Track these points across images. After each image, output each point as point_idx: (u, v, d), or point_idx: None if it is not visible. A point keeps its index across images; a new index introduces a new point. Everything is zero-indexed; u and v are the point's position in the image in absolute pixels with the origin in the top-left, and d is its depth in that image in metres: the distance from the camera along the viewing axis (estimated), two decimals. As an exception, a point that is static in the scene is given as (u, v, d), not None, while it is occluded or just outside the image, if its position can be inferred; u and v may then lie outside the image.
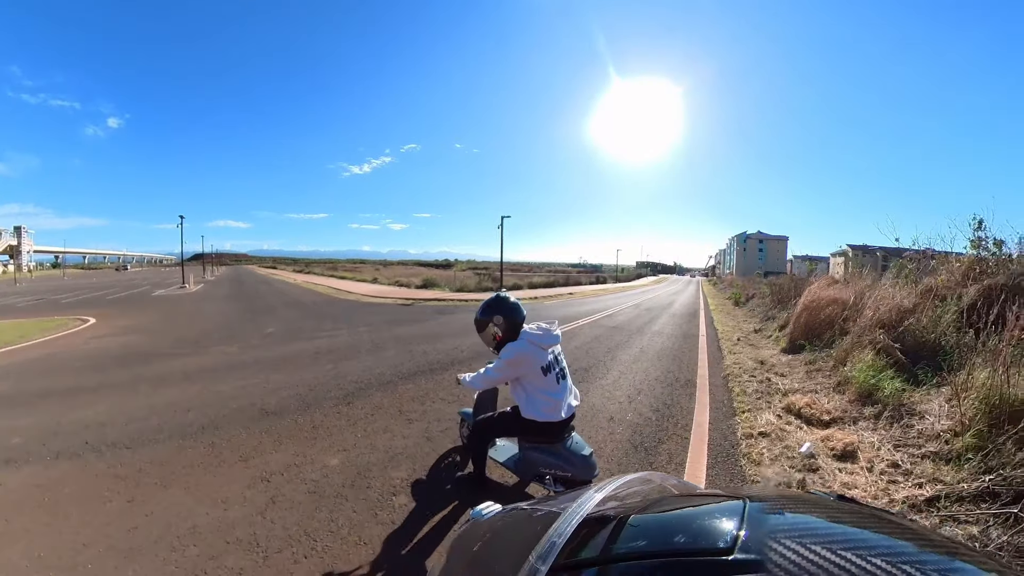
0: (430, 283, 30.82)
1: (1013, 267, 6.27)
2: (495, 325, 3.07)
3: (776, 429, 4.66)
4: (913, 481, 3.52)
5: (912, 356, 5.69)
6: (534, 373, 2.91)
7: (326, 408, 5.22)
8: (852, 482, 3.63)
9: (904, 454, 3.92)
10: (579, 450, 2.99)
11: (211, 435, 4.39)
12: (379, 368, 7.16)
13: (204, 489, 3.38)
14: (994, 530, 2.78)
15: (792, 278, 17.48)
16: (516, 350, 2.92)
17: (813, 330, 8.46)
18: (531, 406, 2.92)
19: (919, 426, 4.27)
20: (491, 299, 3.16)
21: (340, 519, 3.03)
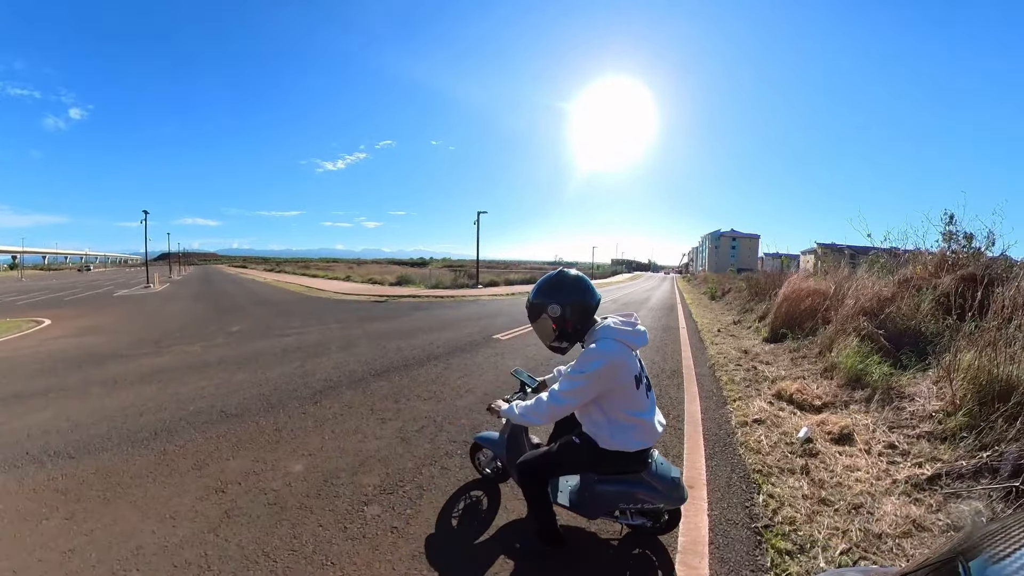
0: (405, 280, 30.34)
1: (982, 259, 6.54)
2: (549, 316, 2.24)
3: (770, 416, 4.58)
4: (912, 461, 3.53)
5: (895, 342, 5.77)
6: (623, 387, 2.12)
7: (291, 409, 4.88)
8: (853, 464, 3.55)
9: (899, 435, 3.93)
10: (666, 473, 2.34)
11: (164, 441, 4.02)
12: (350, 365, 6.85)
13: (152, 503, 3.03)
14: (997, 504, 2.85)
15: (767, 273, 17.75)
16: (607, 356, 2.07)
17: (795, 319, 8.61)
18: (618, 434, 2.16)
19: (910, 408, 4.27)
20: (550, 276, 2.33)
21: (304, 535, 2.69)
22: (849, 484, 3.27)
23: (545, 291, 2.26)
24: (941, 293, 6.18)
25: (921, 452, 3.61)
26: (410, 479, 3.37)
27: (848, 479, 3.35)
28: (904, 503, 3.01)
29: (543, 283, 2.30)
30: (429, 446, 3.95)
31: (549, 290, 2.26)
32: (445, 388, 5.67)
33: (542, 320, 2.27)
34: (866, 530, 2.76)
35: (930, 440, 3.75)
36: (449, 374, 6.37)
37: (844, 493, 3.16)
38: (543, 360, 7.35)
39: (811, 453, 3.73)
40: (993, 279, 5.84)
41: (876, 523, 2.83)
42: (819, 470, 3.47)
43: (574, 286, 2.25)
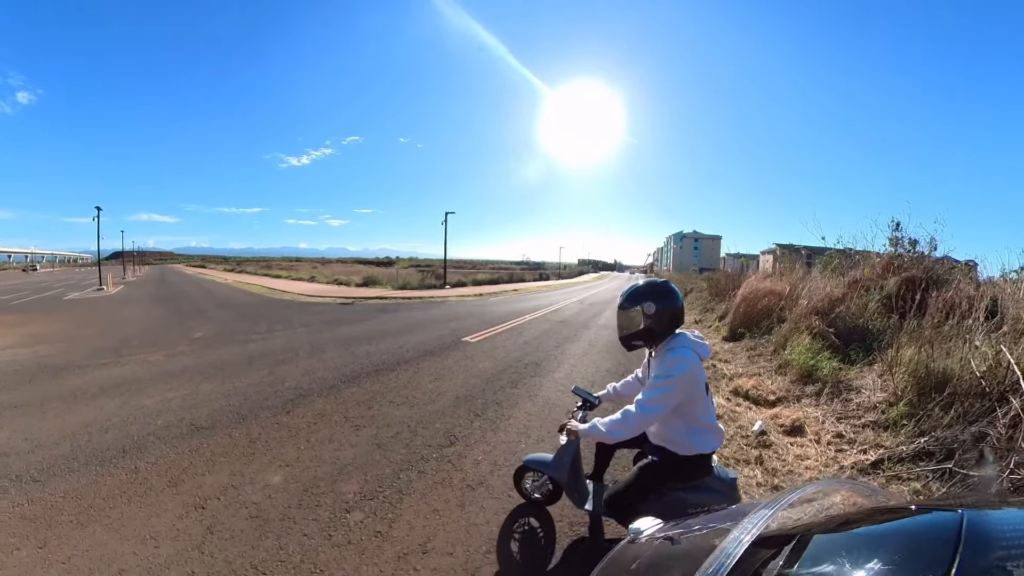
0: (371, 281, 29.87)
1: (925, 262, 7.04)
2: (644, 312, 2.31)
3: (727, 411, 4.87)
4: (858, 448, 3.84)
5: (844, 339, 6.19)
6: (699, 393, 2.26)
7: (263, 419, 4.82)
8: (804, 454, 3.83)
9: (847, 425, 4.25)
10: (725, 476, 2.49)
11: (134, 458, 3.89)
12: (320, 372, 6.81)
13: (129, 524, 2.96)
14: (934, 484, 3.17)
15: (727, 273, 18.31)
16: (688, 361, 2.18)
17: (752, 319, 9.03)
18: (696, 437, 2.29)
19: (857, 399, 4.60)
20: (656, 282, 2.42)
21: (290, 545, 2.72)
22: (799, 472, 3.55)
23: (649, 294, 2.33)
24: (887, 294, 6.65)
25: (866, 440, 3.94)
26: (389, 484, 3.45)
27: (799, 467, 3.62)
28: None
29: (649, 287, 2.38)
30: (405, 451, 4.03)
31: (653, 293, 2.33)
32: (417, 393, 5.74)
33: (633, 314, 2.35)
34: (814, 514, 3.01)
35: (874, 429, 4.09)
36: (420, 378, 6.43)
37: (795, 480, 3.43)
38: (511, 362, 7.50)
39: (765, 445, 4.01)
40: (933, 281, 6.33)
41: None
42: (772, 460, 3.75)
43: (674, 295, 2.35)
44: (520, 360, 7.67)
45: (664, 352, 2.29)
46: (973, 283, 6.12)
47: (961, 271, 6.90)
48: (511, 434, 4.49)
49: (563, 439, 2.61)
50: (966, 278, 6.45)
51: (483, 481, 3.54)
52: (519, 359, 7.77)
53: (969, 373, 3.77)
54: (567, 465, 2.71)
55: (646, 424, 2.24)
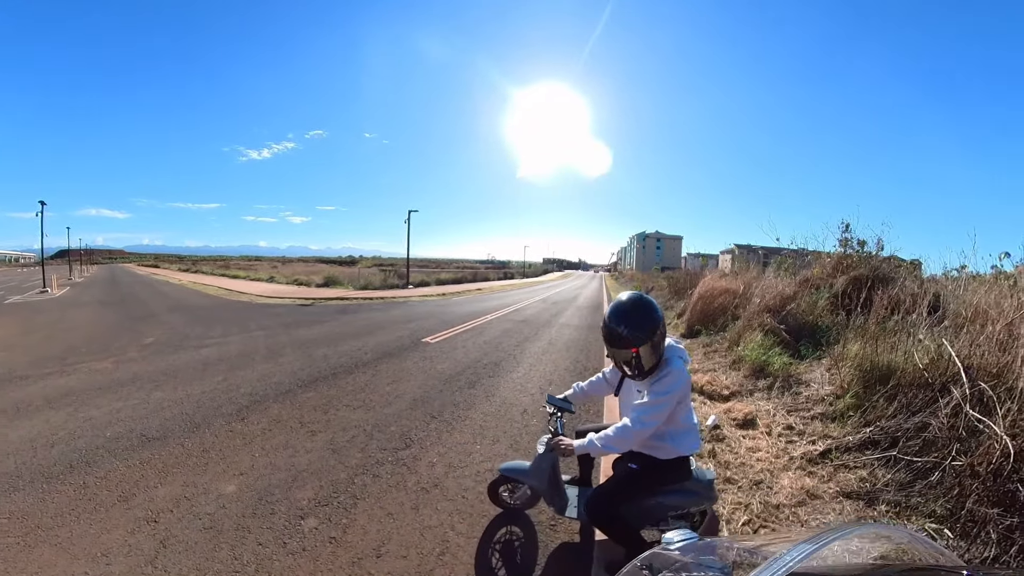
0: (332, 281, 29.25)
1: (872, 262, 7.37)
2: (659, 337, 2.17)
3: None
4: (807, 439, 3.99)
5: (795, 335, 6.44)
6: (686, 399, 2.27)
7: (217, 427, 4.67)
8: (755, 446, 3.95)
9: (796, 417, 4.41)
10: (703, 477, 2.49)
11: (82, 474, 3.70)
12: (276, 376, 6.62)
13: (79, 542, 2.82)
14: (879, 471, 3.32)
15: (687, 272, 18.76)
16: (684, 375, 2.18)
17: (708, 316, 9.30)
18: (678, 440, 2.30)
19: (806, 393, 4.78)
20: (641, 303, 2.21)
21: (245, 555, 2.66)
22: (751, 463, 3.66)
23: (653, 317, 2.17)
24: (835, 292, 6.95)
25: (815, 431, 4.09)
26: (344, 489, 3.40)
27: (751, 459, 3.73)
28: (799, 476, 3.42)
29: (646, 310, 2.18)
30: (360, 455, 3.98)
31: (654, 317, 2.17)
32: (374, 396, 5.66)
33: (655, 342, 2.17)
34: (766, 503, 3.12)
35: (822, 420, 4.26)
36: (378, 381, 6.34)
37: (747, 472, 3.53)
38: (470, 363, 7.48)
39: (718, 438, 4.13)
40: (880, 279, 6.61)
41: (775, 496, 3.20)
42: (725, 453, 3.86)
43: (658, 310, 2.22)
44: (479, 360, 7.66)
45: (662, 365, 2.23)
46: (918, 281, 6.41)
47: (906, 269, 7.25)
48: (467, 435, 4.48)
49: (540, 447, 2.58)
50: (911, 276, 6.76)
51: (438, 483, 3.52)
52: (478, 359, 7.76)
53: (912, 366, 3.94)
54: (546, 473, 2.64)
55: (643, 438, 2.22)
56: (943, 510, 2.84)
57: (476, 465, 3.83)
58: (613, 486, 2.44)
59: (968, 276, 5.89)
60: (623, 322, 2.16)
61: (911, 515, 2.93)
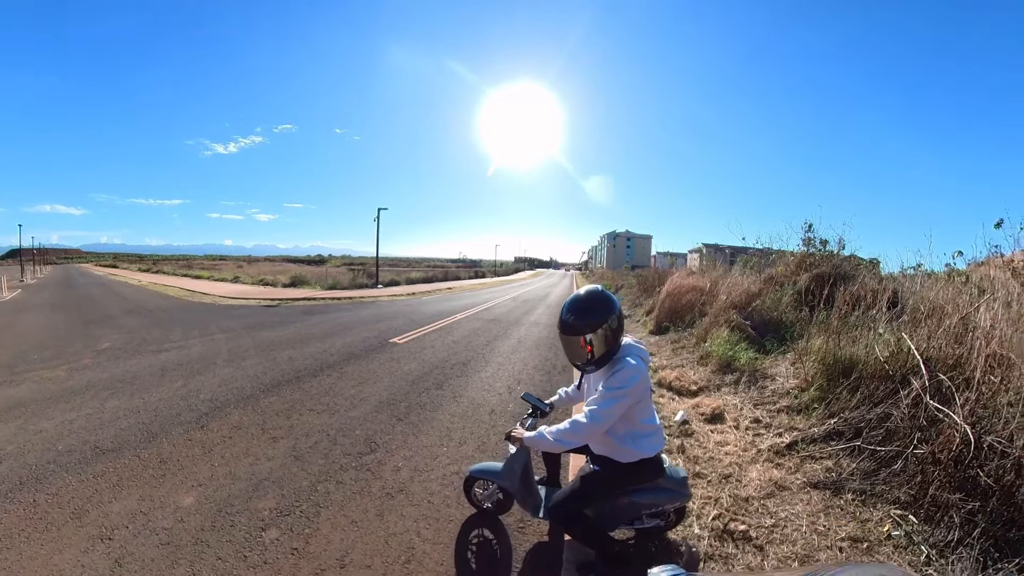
0: (300, 281, 28.72)
1: (833, 261, 7.64)
2: (608, 329, 2.18)
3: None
4: (774, 432, 4.06)
5: (760, 331, 6.58)
6: (645, 399, 2.25)
7: (175, 436, 4.47)
8: (724, 440, 3.99)
9: (763, 411, 4.50)
10: (676, 475, 2.48)
11: (32, 491, 3.47)
12: (238, 381, 6.40)
13: (29, 565, 2.64)
14: (844, 461, 3.40)
15: (657, 270, 19.08)
16: (640, 371, 2.16)
17: (676, 313, 9.46)
18: (639, 442, 2.27)
19: (772, 387, 4.88)
20: (595, 294, 2.27)
21: (203, 571, 2.54)
22: (720, 457, 3.69)
23: (603, 309, 2.20)
24: (799, 289, 7.13)
25: (781, 424, 4.17)
26: (306, 498, 3.29)
27: (719, 453, 3.76)
28: (767, 468, 3.45)
29: (595, 302, 2.22)
30: (323, 462, 3.86)
31: (606, 309, 2.20)
32: (339, 399, 5.52)
33: (589, 338, 2.19)
34: (735, 496, 3.14)
35: (788, 413, 4.34)
36: (343, 384, 6.20)
37: (715, 465, 3.56)
38: (438, 363, 7.39)
39: (687, 433, 4.16)
40: (841, 276, 6.83)
41: (743, 488, 3.22)
42: (694, 448, 3.89)
43: (617, 304, 2.25)
44: (447, 360, 7.57)
45: (615, 362, 2.22)
46: (877, 278, 6.62)
47: (866, 267, 7.54)
48: (433, 438, 4.40)
49: (511, 448, 2.53)
50: (871, 273, 6.99)
51: (403, 488, 3.44)
52: (446, 359, 7.68)
53: (874, 359, 4.03)
54: (517, 473, 2.60)
55: (596, 433, 2.19)
56: (907, 497, 2.91)
57: (442, 468, 3.76)
58: (575, 488, 2.42)
59: (924, 274, 6.12)
60: (573, 311, 2.22)
61: (876, 502, 2.99)
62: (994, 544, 2.41)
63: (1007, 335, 3.39)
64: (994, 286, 4.38)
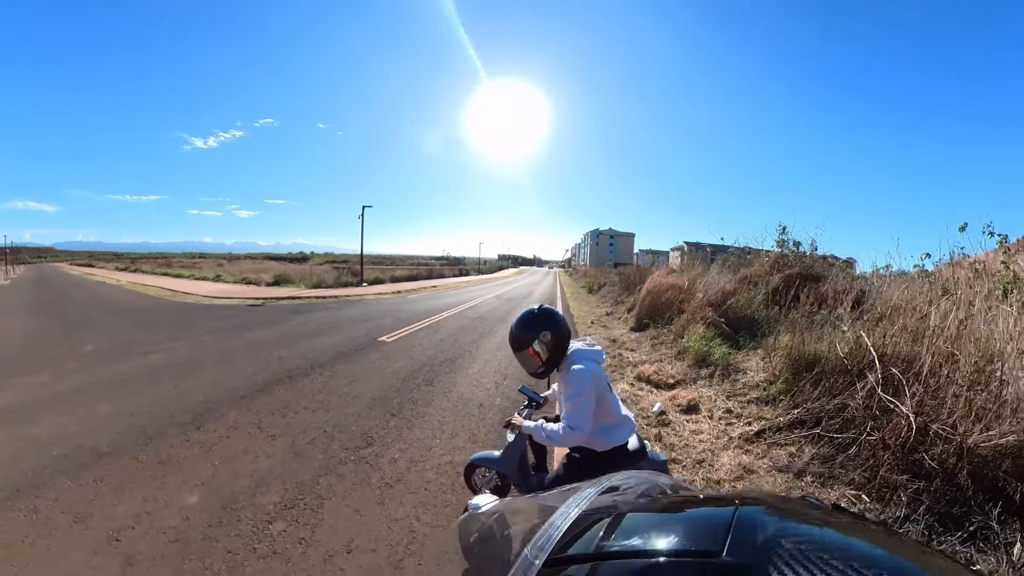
0: (283, 279, 28.41)
1: (806, 261, 8.06)
2: (542, 343, 2.45)
3: (631, 395, 5.36)
4: (744, 421, 4.40)
5: (734, 327, 6.96)
6: (605, 395, 2.46)
7: (172, 437, 4.53)
8: (699, 429, 4.34)
9: (735, 402, 4.86)
10: (657, 458, 2.64)
11: (31, 497, 3.46)
12: (230, 382, 6.48)
13: (38, 570, 2.68)
14: (806, 447, 3.72)
15: (638, 268, 19.47)
16: (589, 373, 2.37)
17: (656, 311, 9.78)
18: (609, 433, 2.48)
19: (743, 380, 5.23)
20: (535, 311, 2.56)
21: (216, 564, 2.65)
22: (694, 444, 4.00)
23: (533, 324, 2.47)
24: (772, 288, 7.51)
25: (751, 414, 4.51)
26: (309, 491, 3.45)
27: (694, 440, 4.08)
28: (737, 454, 3.77)
29: (530, 317, 2.50)
30: (323, 456, 4.02)
31: (537, 323, 2.47)
32: (332, 397, 5.68)
33: (528, 350, 2.45)
34: (708, 479, 3.45)
35: (758, 404, 4.69)
36: (335, 382, 6.35)
37: (690, 452, 3.87)
38: (427, 361, 7.59)
39: (664, 423, 4.48)
40: (811, 277, 7.21)
41: (716, 472, 3.54)
42: (670, 436, 4.21)
43: (558, 320, 2.49)
44: (436, 358, 7.78)
45: (566, 370, 2.44)
46: (848, 278, 6.98)
47: (839, 268, 7.98)
48: (426, 431, 4.61)
49: (510, 436, 2.74)
50: (843, 273, 7.37)
51: (400, 478, 3.64)
52: (435, 357, 7.89)
53: (835, 354, 4.35)
54: (515, 461, 2.80)
55: (579, 439, 2.38)
56: (861, 478, 3.21)
57: (437, 459, 3.97)
58: (560, 474, 2.66)
59: (893, 274, 6.52)
60: (517, 327, 2.50)
61: (834, 484, 3.29)
62: (938, 520, 2.70)
63: (953, 334, 3.70)
64: (958, 287, 4.75)
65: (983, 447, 2.84)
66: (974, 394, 3.21)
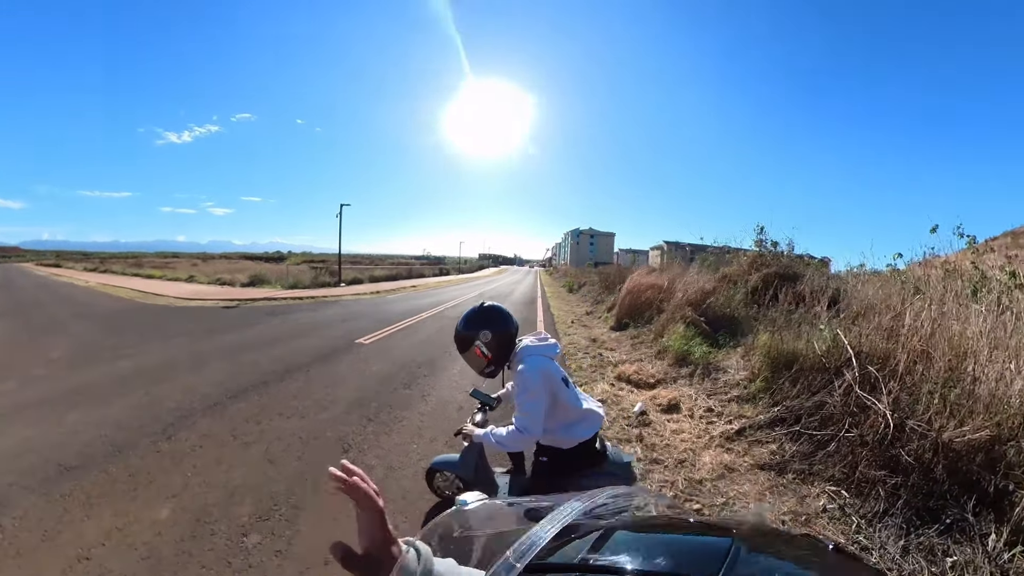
0: (259, 280, 27.79)
1: (783, 261, 8.24)
2: (481, 342, 2.39)
3: (611, 395, 5.37)
4: (725, 420, 4.42)
5: (713, 326, 7.05)
6: (561, 390, 2.39)
7: (143, 448, 4.35)
8: (680, 428, 4.36)
9: (715, 400, 4.88)
10: (620, 459, 2.61)
11: None
12: (203, 388, 6.28)
13: None
14: (786, 444, 3.76)
15: (618, 268, 19.63)
16: (538, 369, 2.31)
17: (636, 310, 9.89)
18: (573, 428, 2.42)
19: (724, 378, 5.27)
20: (476, 308, 2.52)
21: None
22: (676, 444, 4.01)
23: (475, 322, 2.41)
24: (751, 287, 7.65)
25: (731, 412, 4.52)
26: (284, 501, 3.37)
27: (675, 440, 4.09)
28: (719, 453, 3.79)
29: (472, 316, 2.45)
30: (298, 464, 3.93)
31: (479, 321, 2.41)
32: (308, 402, 5.56)
33: (473, 349, 2.40)
34: (689, 479, 3.45)
35: (738, 402, 4.70)
36: (311, 386, 6.23)
37: (672, 452, 3.87)
38: (406, 363, 7.50)
39: (645, 423, 4.49)
40: (789, 276, 7.36)
41: (697, 472, 3.55)
42: (651, 436, 4.21)
43: (499, 317, 2.45)
44: (414, 360, 7.70)
45: (515, 368, 2.39)
46: (825, 277, 7.13)
47: (816, 267, 8.12)
48: (404, 436, 4.54)
49: (465, 445, 2.67)
50: (820, 272, 7.52)
51: (378, 486, 3.53)
52: (413, 359, 7.80)
53: (813, 352, 4.41)
54: (472, 465, 2.75)
55: (530, 440, 2.34)
56: (840, 474, 3.24)
57: (414, 465, 3.89)
58: (530, 480, 2.64)
59: (867, 273, 6.67)
60: (462, 323, 2.44)
61: (814, 480, 3.32)
62: (915, 513, 2.75)
63: (927, 333, 3.79)
64: (929, 285, 4.86)
65: (957, 442, 2.89)
66: (948, 391, 3.27)
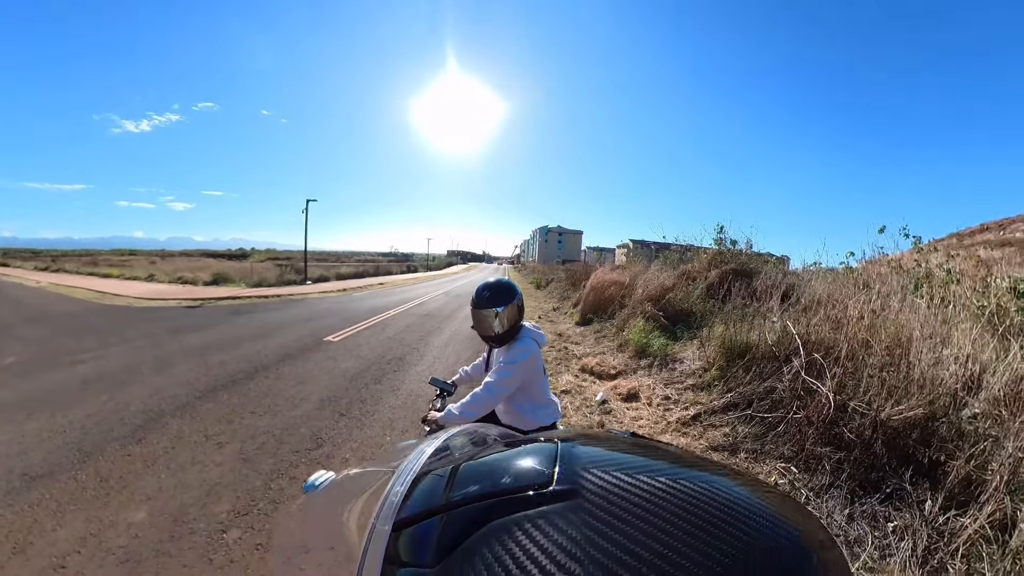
0: (222, 278, 26.93)
1: (741, 259, 8.65)
2: (505, 312, 2.49)
3: (575, 386, 5.64)
4: (681, 407, 4.71)
5: (672, 320, 7.45)
6: (539, 375, 2.57)
7: (112, 453, 4.25)
8: (639, 415, 4.65)
9: (672, 389, 5.18)
10: None
11: None
12: (170, 390, 6.18)
13: None
14: (739, 427, 4.06)
15: (585, 265, 20.02)
16: (530, 350, 2.48)
17: (599, 306, 10.25)
18: (538, 412, 2.60)
19: (680, 368, 5.59)
20: (502, 283, 2.60)
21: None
22: (635, 430, 4.24)
23: (506, 294, 2.52)
24: (709, 283, 8.00)
25: (687, 399, 4.82)
26: (261, 496, 3.42)
27: (633, 426, 4.40)
28: (676, 437, 4.09)
29: (501, 289, 2.54)
30: (272, 460, 3.97)
31: (508, 295, 2.52)
32: (279, 400, 5.58)
33: (497, 319, 2.49)
34: None
35: (694, 390, 5.00)
36: (281, 385, 6.24)
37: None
38: (375, 359, 7.58)
39: (606, 411, 4.77)
40: (746, 273, 7.75)
41: None
42: (612, 423, 4.51)
43: (519, 292, 2.59)
44: (384, 356, 7.78)
45: (513, 343, 2.57)
46: (780, 273, 7.54)
47: (773, 264, 8.58)
48: (376, 429, 4.65)
49: (427, 429, 2.76)
50: (775, 269, 7.95)
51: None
52: (382, 355, 7.88)
53: (764, 342, 4.73)
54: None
55: (495, 403, 2.50)
56: (790, 452, 3.55)
57: (388, 456, 4.03)
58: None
59: (821, 270, 7.18)
60: (487, 290, 2.56)
61: (766, 459, 3.60)
62: (859, 485, 3.06)
63: (868, 323, 4.17)
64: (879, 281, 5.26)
65: (895, 420, 3.19)
66: (886, 374, 3.60)
